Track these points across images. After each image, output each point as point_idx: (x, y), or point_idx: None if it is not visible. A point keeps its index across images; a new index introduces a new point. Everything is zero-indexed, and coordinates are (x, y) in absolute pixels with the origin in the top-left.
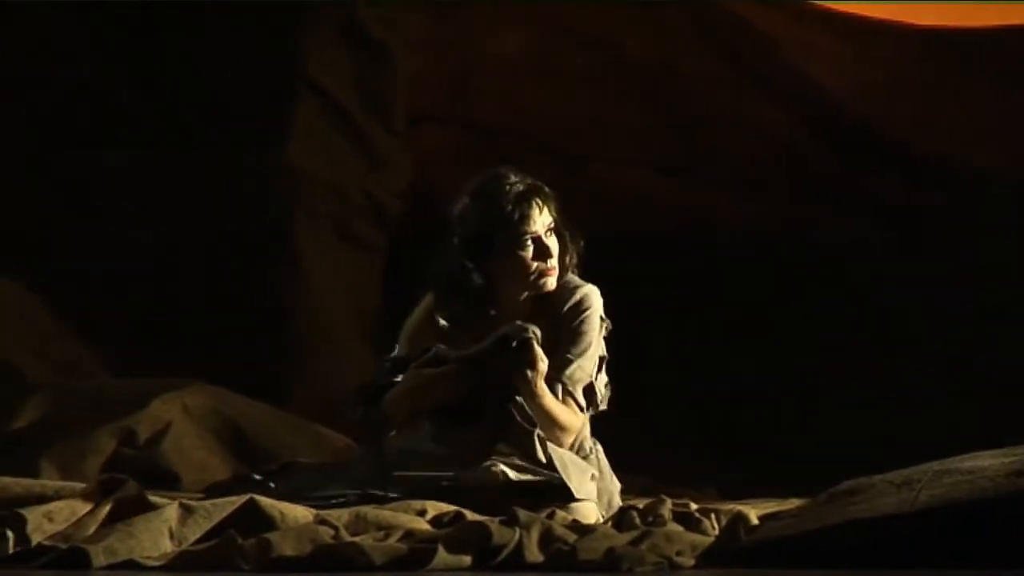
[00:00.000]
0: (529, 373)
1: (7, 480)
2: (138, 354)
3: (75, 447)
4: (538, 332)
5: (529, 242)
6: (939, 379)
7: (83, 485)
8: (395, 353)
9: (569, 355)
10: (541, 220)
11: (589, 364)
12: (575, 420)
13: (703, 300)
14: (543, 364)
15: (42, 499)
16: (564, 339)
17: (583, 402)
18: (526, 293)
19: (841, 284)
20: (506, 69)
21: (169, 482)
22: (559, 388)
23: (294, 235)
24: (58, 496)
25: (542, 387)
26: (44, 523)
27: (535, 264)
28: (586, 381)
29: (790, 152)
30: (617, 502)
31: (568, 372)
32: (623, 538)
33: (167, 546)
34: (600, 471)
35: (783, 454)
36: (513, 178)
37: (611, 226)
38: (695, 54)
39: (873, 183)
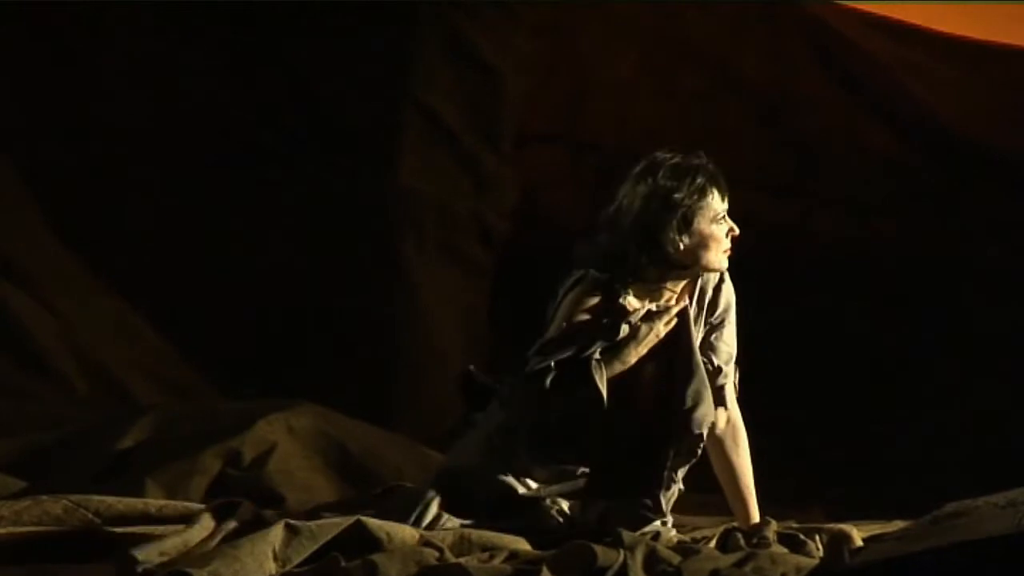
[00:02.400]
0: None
1: (111, 499)
2: (246, 374)
3: (180, 468)
4: None
5: (724, 219)
6: None
7: (186, 504)
8: (550, 334)
9: (727, 345)
10: (726, 202)
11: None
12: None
13: (811, 318)
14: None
15: (145, 517)
16: (723, 326)
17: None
18: (689, 273)
19: (951, 302)
20: (618, 89)
21: (274, 503)
22: (729, 383)
23: (402, 255)
24: (161, 515)
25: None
26: (155, 557)
27: (725, 242)
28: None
29: (900, 172)
30: None
31: (732, 364)
32: (728, 560)
33: (271, 568)
34: None
35: (887, 475)
36: (693, 156)
37: None
38: (808, 75)
39: (982, 203)
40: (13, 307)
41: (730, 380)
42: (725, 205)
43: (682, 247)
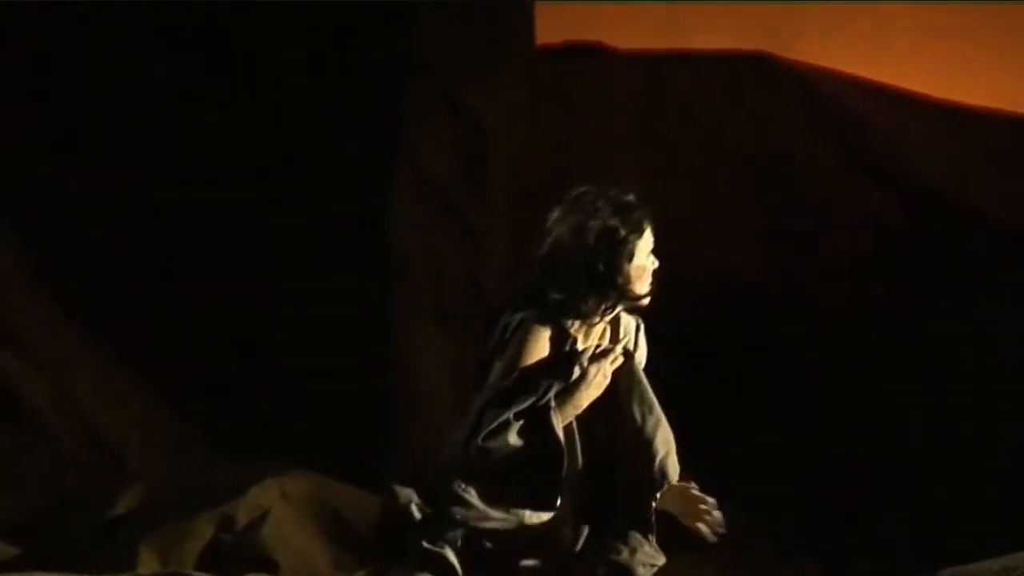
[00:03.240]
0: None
1: None
2: (239, 435)
3: (174, 533)
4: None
5: (651, 253)
6: None
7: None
8: (502, 381)
9: None
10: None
11: None
12: None
13: (807, 380)
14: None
15: None
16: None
17: None
18: (626, 304)
19: (947, 364)
20: (611, 147)
21: (268, 569)
22: None
23: (394, 312)
24: None
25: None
26: None
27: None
28: None
29: (895, 236)
30: None
31: None
32: None
33: None
34: None
35: (884, 535)
36: (621, 191)
37: (713, 304)
38: (802, 139)
39: (976, 267)
40: (5, 369)
41: None
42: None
43: (629, 279)
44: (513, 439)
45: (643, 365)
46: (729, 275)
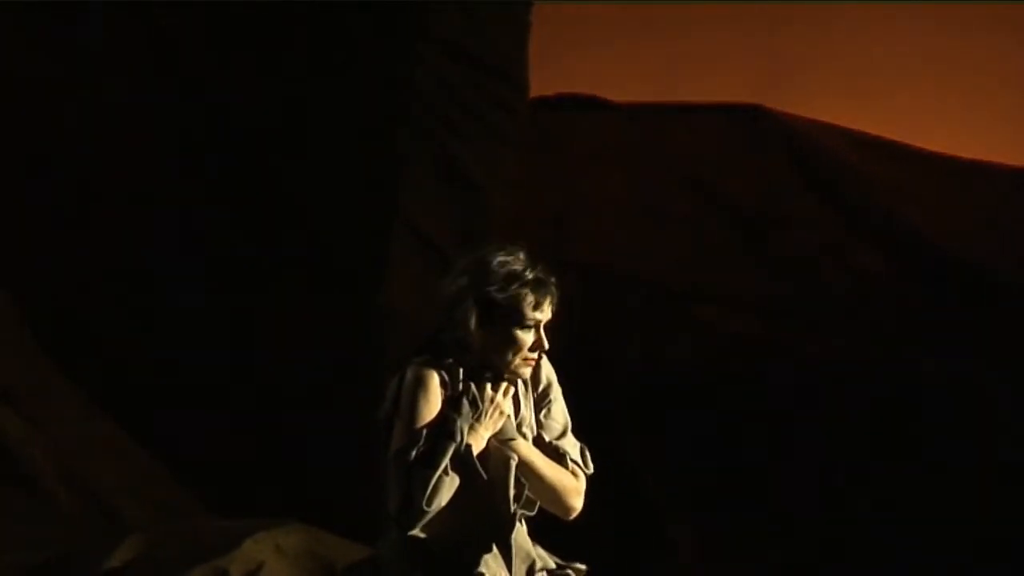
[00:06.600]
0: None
1: None
2: (236, 495)
3: None
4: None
5: (531, 328)
6: None
7: None
8: (417, 444)
9: (556, 421)
10: (545, 313)
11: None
12: (577, 482)
13: (801, 440)
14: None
15: None
16: (550, 403)
17: (590, 465)
18: (503, 370)
19: (941, 420)
20: (604, 209)
21: None
22: (567, 460)
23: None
24: None
25: (527, 452)
26: None
27: (525, 350)
28: (578, 444)
29: (887, 291)
30: None
31: (568, 437)
32: None
33: None
34: None
35: None
36: (534, 261)
37: (710, 365)
38: (795, 196)
39: (969, 321)
40: (3, 427)
41: (569, 456)
42: (540, 315)
43: (482, 341)
44: (448, 492)
45: (551, 391)
46: (726, 340)
